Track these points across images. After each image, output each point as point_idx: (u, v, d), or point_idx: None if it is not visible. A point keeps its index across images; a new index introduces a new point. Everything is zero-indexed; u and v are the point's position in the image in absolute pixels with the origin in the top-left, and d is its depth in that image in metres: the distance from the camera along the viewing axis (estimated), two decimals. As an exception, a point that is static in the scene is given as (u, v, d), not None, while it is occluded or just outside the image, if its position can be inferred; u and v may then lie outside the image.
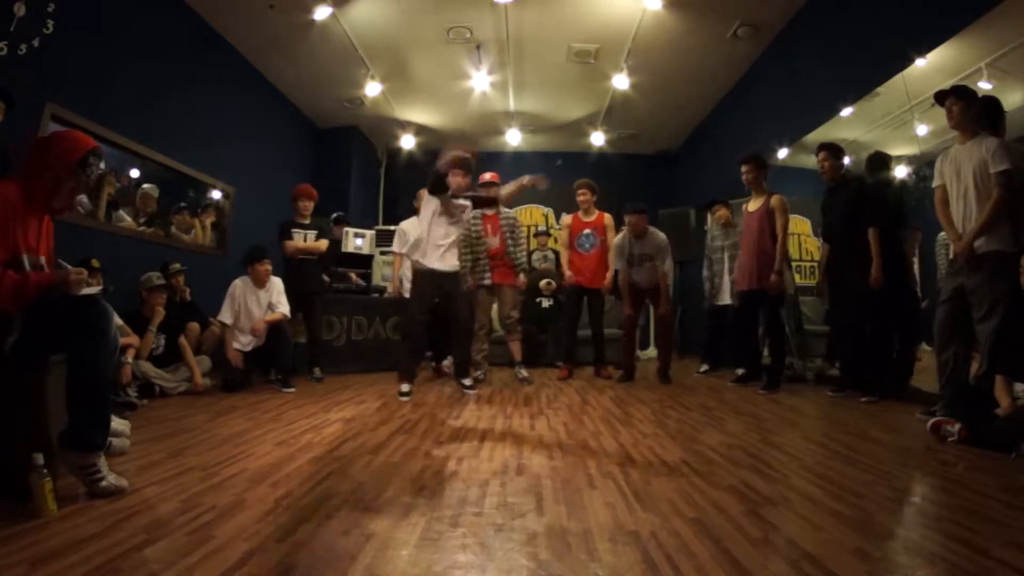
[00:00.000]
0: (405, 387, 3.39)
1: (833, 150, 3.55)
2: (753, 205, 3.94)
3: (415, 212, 4.26)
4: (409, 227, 4.37)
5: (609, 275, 4.56)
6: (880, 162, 3.57)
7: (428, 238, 3.47)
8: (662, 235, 4.27)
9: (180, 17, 4.36)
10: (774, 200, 3.79)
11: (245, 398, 3.34)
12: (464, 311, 3.75)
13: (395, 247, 4.54)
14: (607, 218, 4.63)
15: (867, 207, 3.37)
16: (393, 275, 4.70)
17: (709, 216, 5.13)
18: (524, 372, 4.24)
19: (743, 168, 3.95)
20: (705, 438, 2.36)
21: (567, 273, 4.60)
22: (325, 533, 1.32)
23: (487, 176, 4.28)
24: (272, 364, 3.96)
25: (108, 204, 3.71)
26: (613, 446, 2.22)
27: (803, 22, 4.50)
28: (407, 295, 3.99)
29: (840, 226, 3.51)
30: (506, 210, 4.37)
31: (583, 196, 4.59)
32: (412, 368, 3.51)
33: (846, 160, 3.69)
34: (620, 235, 4.37)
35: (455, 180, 3.44)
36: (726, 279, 4.89)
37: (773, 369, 3.84)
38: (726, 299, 4.87)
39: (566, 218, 4.86)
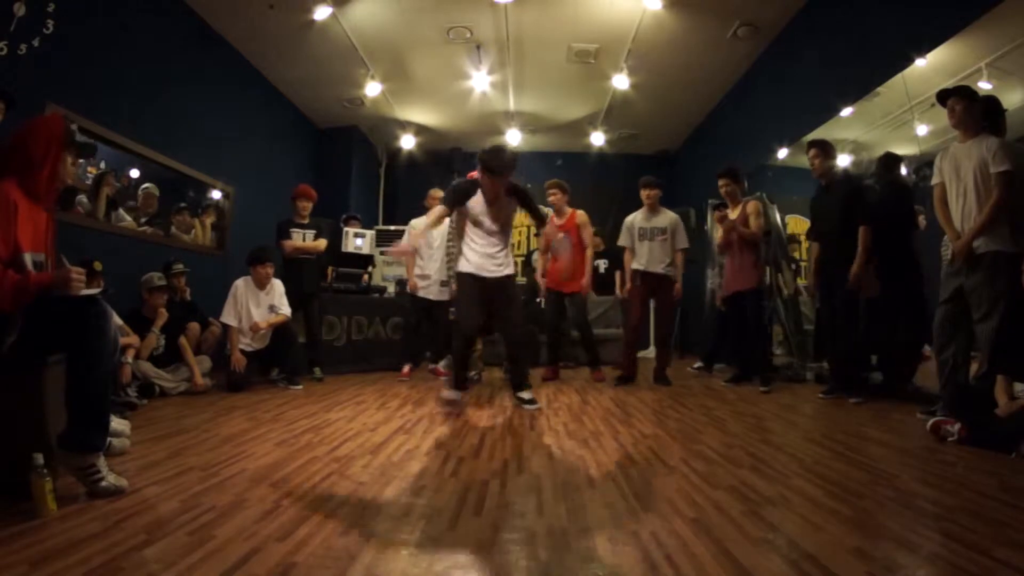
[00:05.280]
0: (451, 394, 3.07)
1: (823, 147, 3.45)
2: (732, 215, 4.04)
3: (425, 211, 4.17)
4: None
5: (587, 271, 4.33)
6: (893, 162, 3.52)
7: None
8: (673, 213, 4.23)
9: (180, 17, 4.35)
10: (750, 207, 3.91)
11: (246, 398, 3.34)
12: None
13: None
14: (579, 216, 4.43)
15: (860, 206, 3.30)
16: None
17: (709, 216, 5.16)
18: None
19: (720, 182, 4.03)
20: (705, 438, 2.36)
21: (540, 280, 4.51)
22: (325, 533, 1.32)
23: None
24: (276, 364, 3.98)
25: (108, 204, 3.70)
26: (613, 446, 2.22)
27: (803, 22, 4.49)
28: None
29: (834, 225, 3.41)
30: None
31: (554, 196, 4.45)
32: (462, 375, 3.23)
33: (844, 160, 3.69)
34: (630, 215, 4.30)
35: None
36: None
37: (760, 365, 3.90)
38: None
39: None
